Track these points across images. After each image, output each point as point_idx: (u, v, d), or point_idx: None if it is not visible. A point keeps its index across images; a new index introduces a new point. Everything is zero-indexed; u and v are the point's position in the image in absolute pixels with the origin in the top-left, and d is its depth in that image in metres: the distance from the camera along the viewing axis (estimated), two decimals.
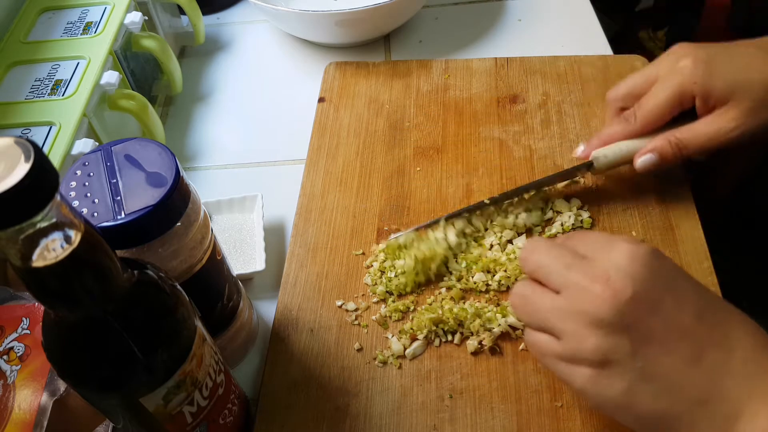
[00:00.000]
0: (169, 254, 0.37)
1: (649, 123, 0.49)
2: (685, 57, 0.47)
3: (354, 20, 0.67)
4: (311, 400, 0.45)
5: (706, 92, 0.46)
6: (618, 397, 0.34)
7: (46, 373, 0.40)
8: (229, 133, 0.67)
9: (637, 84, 0.50)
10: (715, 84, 0.46)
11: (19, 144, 0.24)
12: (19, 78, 0.56)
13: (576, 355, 0.35)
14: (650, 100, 0.49)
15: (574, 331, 0.35)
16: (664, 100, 0.48)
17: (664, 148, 0.48)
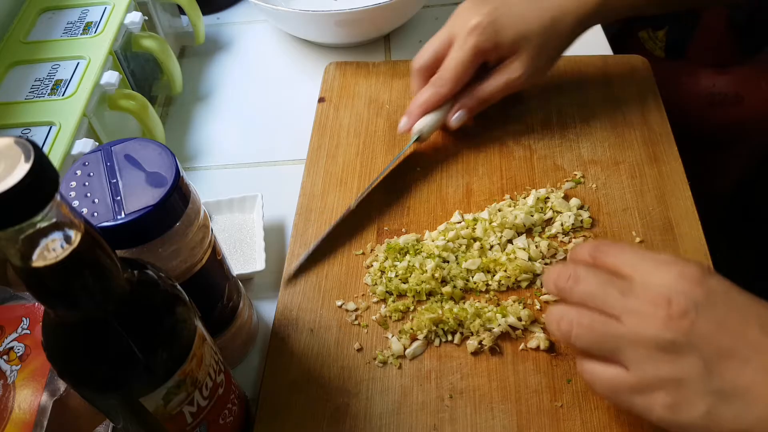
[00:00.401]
0: (169, 254, 0.37)
1: (456, 84, 0.54)
2: (474, 16, 0.53)
3: (354, 20, 0.67)
4: (311, 400, 0.45)
5: (497, 47, 0.53)
6: (699, 420, 0.33)
7: (46, 373, 0.40)
8: (229, 133, 0.67)
9: (437, 48, 0.55)
10: (502, 39, 0.53)
11: (19, 144, 0.24)
12: (19, 78, 0.56)
13: (651, 383, 0.34)
14: (451, 62, 0.53)
15: (645, 357, 0.34)
16: (463, 60, 0.53)
17: (469, 103, 0.56)
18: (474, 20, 0.52)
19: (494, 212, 0.53)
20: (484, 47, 0.52)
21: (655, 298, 0.34)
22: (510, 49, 0.53)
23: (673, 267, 0.35)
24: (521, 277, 0.49)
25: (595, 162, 0.57)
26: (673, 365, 0.33)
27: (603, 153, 0.58)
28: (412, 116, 0.56)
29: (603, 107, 0.62)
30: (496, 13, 0.52)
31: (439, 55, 0.55)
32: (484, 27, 0.52)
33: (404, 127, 0.57)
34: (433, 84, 0.55)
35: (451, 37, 0.54)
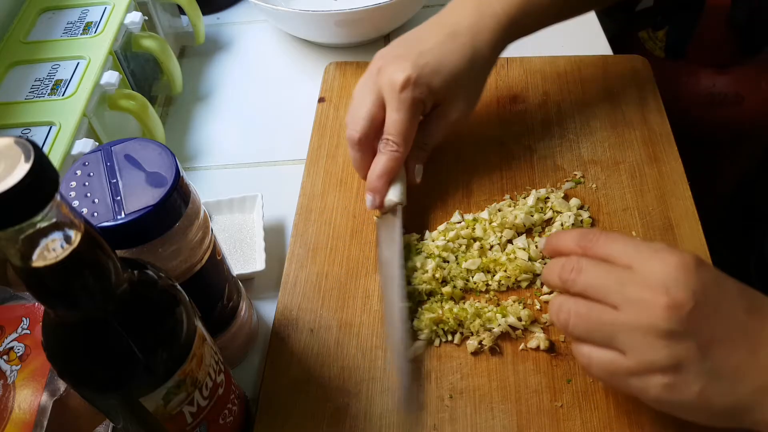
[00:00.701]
0: (169, 254, 0.37)
1: (408, 143, 0.52)
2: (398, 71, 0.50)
3: (354, 20, 0.67)
4: (311, 400, 0.45)
5: (432, 95, 0.51)
6: (694, 399, 0.35)
7: (46, 373, 0.40)
8: (229, 133, 0.67)
9: (370, 113, 0.52)
10: (435, 88, 0.51)
11: (19, 144, 0.24)
12: (19, 78, 0.56)
13: (648, 367, 0.36)
14: (396, 124, 0.51)
15: (643, 344, 0.36)
16: (407, 119, 0.50)
17: (423, 156, 0.54)
18: (400, 76, 0.50)
19: (494, 212, 0.53)
20: (421, 100, 0.51)
21: (654, 287, 0.36)
22: (444, 93, 0.52)
23: (670, 257, 0.37)
24: (521, 277, 0.49)
25: (595, 162, 0.57)
26: (671, 351, 0.35)
27: (603, 153, 0.58)
28: (378, 190, 0.52)
29: (603, 107, 0.62)
30: (420, 62, 0.50)
31: (374, 119, 0.52)
32: (414, 81, 0.50)
33: (375, 203, 0.52)
34: (386, 150, 0.51)
35: (380, 96, 0.51)
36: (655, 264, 0.37)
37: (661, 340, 0.35)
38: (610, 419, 0.43)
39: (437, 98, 0.52)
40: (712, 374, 0.35)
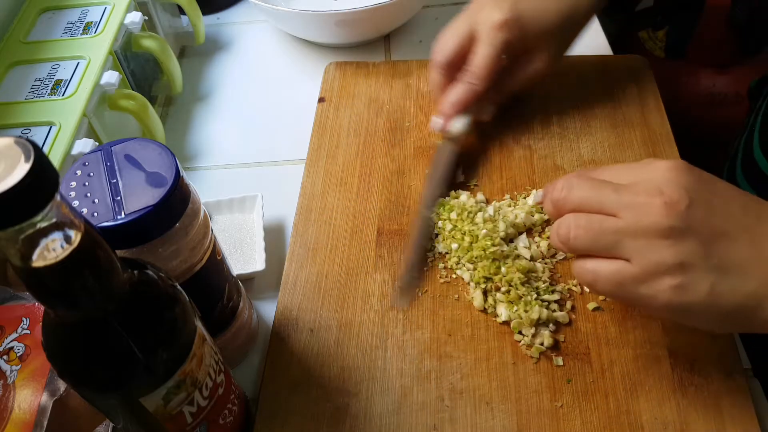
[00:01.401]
0: (169, 254, 0.37)
1: (489, 80, 0.53)
2: (497, 11, 0.52)
3: (354, 20, 0.67)
4: (311, 400, 0.45)
5: (523, 42, 0.53)
6: (704, 298, 0.35)
7: (46, 373, 0.40)
8: (229, 133, 0.67)
9: (459, 42, 0.54)
10: (527, 35, 0.53)
11: (19, 144, 0.24)
12: (19, 78, 0.56)
13: (655, 270, 0.36)
14: (483, 59, 0.53)
15: (646, 246, 0.36)
16: (495, 57, 0.53)
17: (497, 98, 0.57)
18: (498, 16, 0.52)
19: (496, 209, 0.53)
20: (512, 42, 0.52)
21: (649, 190, 0.36)
22: (534, 42, 0.54)
23: (658, 163, 0.38)
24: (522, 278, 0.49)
25: (595, 162, 0.57)
26: (675, 249, 0.35)
27: (603, 153, 0.58)
28: (447, 116, 0.56)
29: (603, 107, 0.62)
30: (519, 7, 0.53)
31: (462, 49, 0.54)
32: (510, 23, 0.52)
33: (438, 126, 0.56)
34: (466, 81, 0.54)
35: (473, 31, 0.53)
36: (645, 172, 0.38)
37: (664, 239, 0.35)
38: (610, 419, 0.43)
39: (527, 45, 0.54)
40: (719, 270, 0.35)
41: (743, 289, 0.35)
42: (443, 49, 0.55)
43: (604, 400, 0.44)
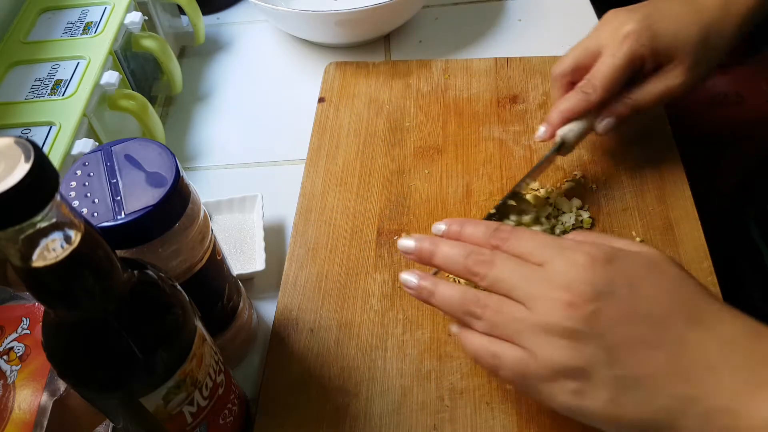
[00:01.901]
0: (169, 254, 0.37)
1: (607, 92, 0.50)
2: (626, 23, 0.49)
3: (354, 20, 0.67)
4: (311, 400, 0.45)
5: (654, 54, 0.49)
6: (603, 408, 0.33)
7: (46, 373, 0.40)
8: (229, 133, 0.67)
9: (581, 56, 0.51)
10: (659, 45, 0.49)
11: (19, 144, 0.24)
12: (19, 78, 0.56)
13: (554, 369, 0.34)
14: (604, 68, 0.50)
15: (546, 343, 0.34)
16: (618, 67, 0.49)
17: (621, 111, 0.51)
18: (627, 27, 0.49)
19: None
20: (640, 54, 0.49)
21: (558, 286, 0.34)
22: (667, 55, 0.49)
23: (576, 254, 0.35)
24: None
25: (595, 162, 0.57)
26: (574, 353, 0.33)
27: (603, 153, 0.58)
28: (552, 124, 0.51)
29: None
30: (650, 18, 0.49)
31: (581, 63, 0.51)
32: (639, 33, 0.48)
33: (543, 135, 0.52)
34: (582, 90, 0.50)
35: (600, 46, 0.50)
36: (562, 261, 0.35)
37: (563, 339, 0.33)
38: None
39: (659, 59, 0.50)
40: (622, 381, 0.32)
41: (652, 404, 0.32)
42: (561, 63, 0.52)
43: None
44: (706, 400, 0.31)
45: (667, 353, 0.32)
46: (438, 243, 0.39)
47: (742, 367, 0.32)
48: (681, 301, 0.34)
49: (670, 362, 0.32)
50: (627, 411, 0.32)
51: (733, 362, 0.32)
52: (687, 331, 0.33)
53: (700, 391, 0.32)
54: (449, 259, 0.38)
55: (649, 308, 0.33)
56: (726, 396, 0.31)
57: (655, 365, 0.32)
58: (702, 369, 0.32)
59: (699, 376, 0.32)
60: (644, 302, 0.33)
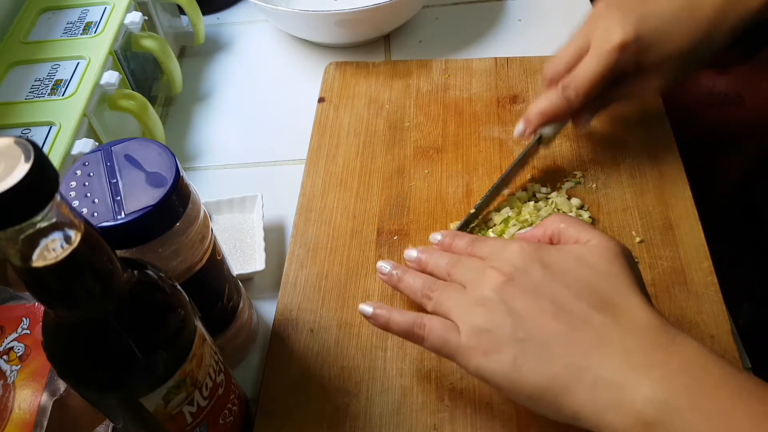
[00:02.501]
0: (169, 254, 0.37)
1: (589, 96, 0.50)
2: (617, 29, 0.47)
3: (354, 20, 0.67)
4: (311, 400, 0.45)
5: (638, 65, 0.49)
6: (505, 371, 0.36)
7: (46, 373, 0.40)
8: (229, 133, 0.67)
9: (572, 57, 0.50)
10: (645, 60, 0.48)
11: (19, 144, 0.24)
12: (19, 78, 0.56)
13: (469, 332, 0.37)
14: (587, 74, 0.49)
15: (466, 312, 0.38)
16: (601, 75, 0.48)
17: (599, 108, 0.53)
18: (617, 36, 0.47)
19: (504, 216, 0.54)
20: (624, 66, 0.48)
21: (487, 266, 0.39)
22: (652, 66, 0.49)
23: (515, 244, 0.40)
24: None
25: (595, 162, 0.57)
26: (486, 317, 0.37)
27: (603, 153, 0.58)
28: (530, 123, 0.52)
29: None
30: (643, 27, 0.47)
31: (572, 64, 0.50)
32: (627, 45, 0.47)
33: (521, 133, 0.53)
34: (561, 93, 0.50)
35: (587, 42, 0.49)
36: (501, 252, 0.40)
37: (480, 307, 0.38)
38: None
39: (642, 67, 0.49)
40: (522, 344, 0.35)
41: (547, 370, 0.35)
42: (553, 63, 0.51)
43: None
44: (595, 371, 0.34)
45: (568, 326, 0.35)
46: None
47: (637, 350, 0.34)
48: (595, 291, 0.36)
49: (568, 334, 0.35)
50: (525, 375, 0.35)
51: (629, 346, 0.34)
52: (592, 314, 0.35)
53: (591, 362, 0.34)
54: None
55: (559, 289, 0.37)
56: (614, 371, 0.33)
57: (554, 333, 0.35)
58: (598, 345, 0.34)
59: (593, 351, 0.34)
60: (555, 283, 0.37)
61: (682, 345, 0.34)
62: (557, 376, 0.34)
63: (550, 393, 0.35)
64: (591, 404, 0.33)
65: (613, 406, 0.33)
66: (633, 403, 0.32)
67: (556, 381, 0.34)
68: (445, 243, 0.47)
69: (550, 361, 0.35)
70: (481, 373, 0.37)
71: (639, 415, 0.32)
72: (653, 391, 0.32)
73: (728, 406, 0.31)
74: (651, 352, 0.34)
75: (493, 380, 0.37)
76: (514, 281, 0.38)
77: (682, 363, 0.33)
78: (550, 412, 0.35)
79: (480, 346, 0.37)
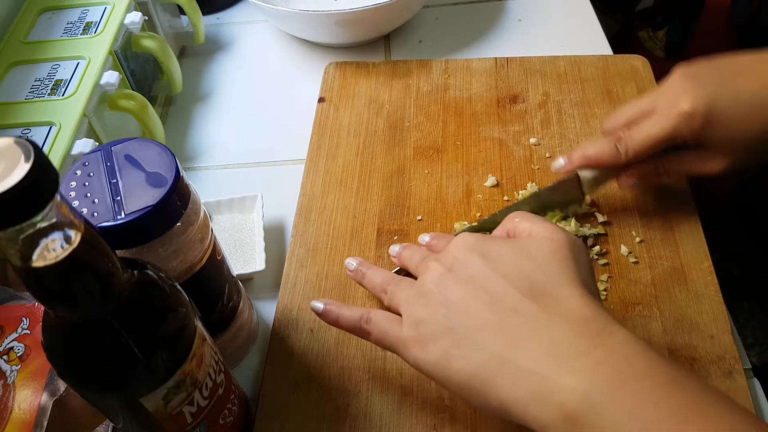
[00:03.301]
0: (169, 254, 0.37)
1: (640, 158, 0.49)
2: (686, 97, 0.45)
3: (354, 20, 0.67)
4: (311, 400, 0.45)
5: (700, 140, 0.46)
6: (437, 361, 0.36)
7: (46, 373, 0.40)
8: (229, 133, 0.67)
9: (634, 116, 0.49)
10: (709, 136, 0.46)
11: (19, 144, 0.24)
12: (19, 78, 0.56)
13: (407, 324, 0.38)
14: (644, 136, 0.47)
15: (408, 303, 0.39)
16: (658, 139, 0.47)
17: (648, 174, 0.50)
18: (686, 105, 0.45)
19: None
20: (685, 136, 0.46)
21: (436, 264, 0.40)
22: (715, 145, 0.47)
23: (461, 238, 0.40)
24: None
25: None
26: (423, 308, 0.38)
27: None
28: (571, 162, 0.51)
29: (603, 107, 0.62)
30: (715, 102, 0.45)
31: (633, 122, 0.49)
32: (693, 117, 0.45)
33: (559, 168, 0.51)
34: (616, 147, 0.48)
35: (653, 108, 0.48)
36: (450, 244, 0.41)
37: (421, 299, 0.38)
38: None
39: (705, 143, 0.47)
40: (454, 333, 0.36)
41: (475, 359, 0.35)
42: (615, 117, 0.50)
43: None
44: (519, 361, 0.33)
45: (498, 315, 0.35)
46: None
47: (562, 340, 0.33)
48: (530, 280, 0.36)
49: (498, 323, 0.35)
50: (453, 364, 0.35)
51: (556, 335, 0.34)
52: (523, 302, 0.35)
53: (515, 352, 0.34)
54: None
55: (495, 278, 0.37)
56: (537, 361, 0.33)
57: (483, 323, 0.35)
58: (524, 334, 0.34)
59: (519, 340, 0.34)
60: (491, 273, 0.37)
61: (611, 336, 0.33)
62: (483, 365, 0.34)
63: (477, 381, 0.34)
64: (514, 395, 0.33)
65: (535, 397, 0.32)
66: (553, 393, 0.32)
67: (481, 370, 0.34)
68: (431, 244, 0.48)
69: (478, 350, 0.35)
70: (419, 364, 0.37)
71: (560, 406, 0.31)
72: (574, 381, 0.31)
73: (651, 398, 0.30)
74: (576, 342, 0.33)
75: (428, 371, 0.37)
76: (452, 272, 0.38)
77: (607, 353, 0.32)
78: (480, 405, 0.35)
79: (417, 337, 0.37)
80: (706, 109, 0.45)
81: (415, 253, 0.46)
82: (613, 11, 1.26)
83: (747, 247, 0.88)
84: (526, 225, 0.40)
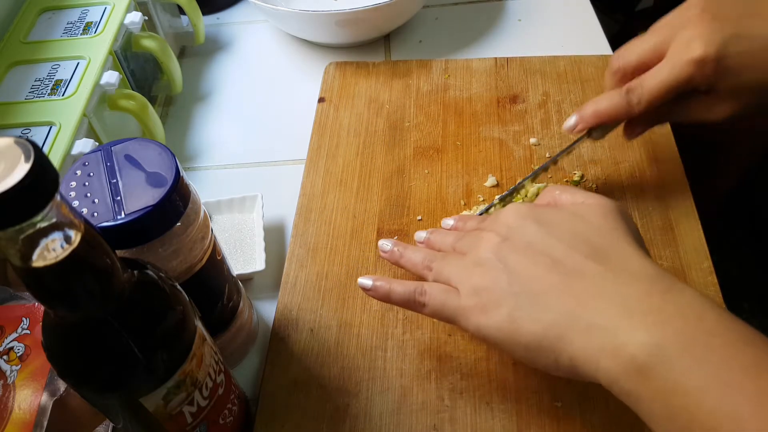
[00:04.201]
0: (169, 254, 0.37)
1: (653, 107, 0.47)
2: (700, 42, 0.43)
3: (354, 20, 0.67)
4: (311, 400, 0.45)
5: (711, 86, 0.45)
6: (504, 324, 0.36)
7: (46, 373, 0.40)
8: (229, 133, 0.67)
9: (645, 55, 0.47)
10: (721, 84, 0.44)
11: (19, 144, 0.24)
12: (19, 78, 0.56)
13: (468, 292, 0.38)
14: (657, 84, 0.45)
15: (465, 273, 0.39)
16: (671, 87, 0.45)
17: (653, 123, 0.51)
18: (698, 50, 0.43)
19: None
20: (697, 84, 0.45)
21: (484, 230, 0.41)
22: (725, 90, 0.45)
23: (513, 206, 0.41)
24: None
25: (595, 162, 0.57)
26: (483, 276, 0.38)
27: (603, 153, 0.58)
28: (584, 120, 0.49)
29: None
30: (729, 47, 0.43)
31: (644, 62, 0.47)
32: (706, 62, 0.43)
33: (571, 128, 0.50)
34: (627, 96, 0.47)
35: (665, 47, 0.45)
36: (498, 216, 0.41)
37: (478, 268, 0.39)
38: (610, 419, 0.43)
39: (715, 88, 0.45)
40: (518, 297, 0.36)
41: (543, 319, 0.35)
42: (624, 56, 0.48)
43: (604, 400, 0.44)
44: (589, 317, 0.34)
45: (562, 277, 0.36)
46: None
47: (631, 297, 0.34)
48: (589, 243, 0.37)
49: (563, 283, 0.36)
50: (521, 326, 0.36)
51: (624, 292, 0.34)
52: (587, 264, 0.36)
53: (585, 310, 0.34)
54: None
55: (553, 242, 0.37)
56: (608, 316, 0.33)
57: (549, 285, 0.36)
58: (592, 293, 0.35)
59: (588, 299, 0.35)
60: (549, 237, 0.38)
61: (680, 293, 0.33)
62: (552, 325, 0.35)
63: (547, 341, 0.35)
64: (585, 351, 0.33)
65: (607, 350, 0.33)
66: (626, 347, 0.32)
67: (552, 329, 0.35)
68: (457, 226, 0.48)
69: (546, 311, 0.35)
70: (481, 330, 0.37)
71: (632, 359, 0.32)
72: (646, 335, 0.32)
73: (722, 354, 0.31)
74: (646, 299, 0.33)
75: (492, 336, 0.37)
76: (509, 240, 0.39)
77: (678, 309, 0.33)
78: (549, 364, 0.36)
79: (478, 304, 0.38)
80: (718, 55, 0.43)
81: (446, 236, 0.45)
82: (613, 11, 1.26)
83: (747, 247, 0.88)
84: (567, 196, 0.41)
